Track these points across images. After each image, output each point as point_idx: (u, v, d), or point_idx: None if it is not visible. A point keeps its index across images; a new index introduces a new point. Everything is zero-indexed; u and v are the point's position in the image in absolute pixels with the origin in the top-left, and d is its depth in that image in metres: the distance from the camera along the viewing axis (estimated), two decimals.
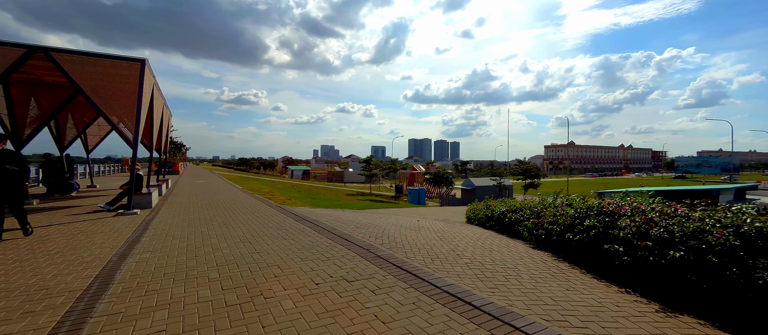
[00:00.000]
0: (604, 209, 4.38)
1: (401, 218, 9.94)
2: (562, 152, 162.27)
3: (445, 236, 6.15)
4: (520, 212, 6.99)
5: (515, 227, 6.77)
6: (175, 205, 9.29)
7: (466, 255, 4.54)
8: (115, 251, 4.52)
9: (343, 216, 8.40)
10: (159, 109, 11.17)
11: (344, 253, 4.40)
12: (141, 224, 6.46)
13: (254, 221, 6.77)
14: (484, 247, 5.19)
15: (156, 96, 10.18)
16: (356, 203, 23.42)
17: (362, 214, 10.40)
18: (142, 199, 8.57)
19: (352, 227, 6.43)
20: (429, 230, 6.87)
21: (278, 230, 5.87)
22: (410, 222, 8.32)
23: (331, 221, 7.15)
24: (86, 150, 15.73)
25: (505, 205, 8.27)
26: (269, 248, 4.61)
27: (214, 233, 5.58)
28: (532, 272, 3.91)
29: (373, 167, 37.18)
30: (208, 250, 4.53)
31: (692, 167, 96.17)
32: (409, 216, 12.10)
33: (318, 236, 5.39)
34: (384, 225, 6.96)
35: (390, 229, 6.50)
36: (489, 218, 8.80)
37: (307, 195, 21.02)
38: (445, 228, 7.52)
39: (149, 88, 8.69)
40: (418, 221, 9.47)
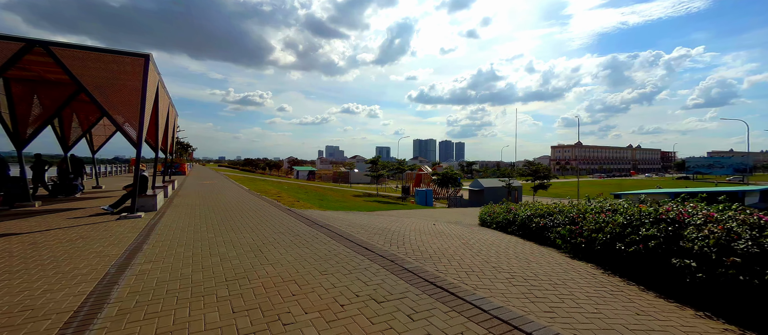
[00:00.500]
0: (662, 217, 3.86)
1: (415, 221, 9.46)
2: (569, 152, 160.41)
3: (471, 243, 5.66)
4: (550, 217, 6.46)
5: (545, 234, 6.24)
6: (180, 207, 8.91)
7: (502, 268, 4.04)
8: (115, 260, 4.10)
9: (356, 220, 7.94)
10: (164, 107, 10.82)
11: (367, 265, 3.93)
12: (144, 228, 6.05)
13: (264, 226, 6.33)
14: (518, 257, 4.69)
15: (161, 94, 9.82)
16: (364, 204, 22.98)
17: (374, 217, 9.93)
18: (146, 201, 8.19)
19: (368, 232, 5.97)
20: (450, 235, 6.37)
21: (291, 237, 5.42)
22: (427, 226, 7.83)
23: (344, 225, 6.70)
24: (92, 150, 15.48)
25: (530, 209, 7.74)
26: (283, 259, 4.15)
27: (221, 240, 5.14)
28: (585, 289, 3.41)
29: (380, 167, 36.69)
30: (215, 260, 4.09)
31: (704, 167, 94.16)
32: (422, 219, 11.62)
33: (334, 244, 4.93)
34: (401, 230, 6.48)
35: (409, 234, 6.02)
36: (510, 222, 8.29)
37: (314, 197, 20.62)
38: (466, 233, 7.02)
39: (154, 85, 8.31)
40: (434, 224, 9.00)
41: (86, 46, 7.11)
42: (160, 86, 9.54)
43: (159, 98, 9.34)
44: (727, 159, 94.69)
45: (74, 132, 13.20)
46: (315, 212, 9.40)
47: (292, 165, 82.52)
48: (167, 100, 11.61)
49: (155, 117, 9.44)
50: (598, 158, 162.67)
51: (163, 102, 10.43)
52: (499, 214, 9.79)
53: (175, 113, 15.17)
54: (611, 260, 4.28)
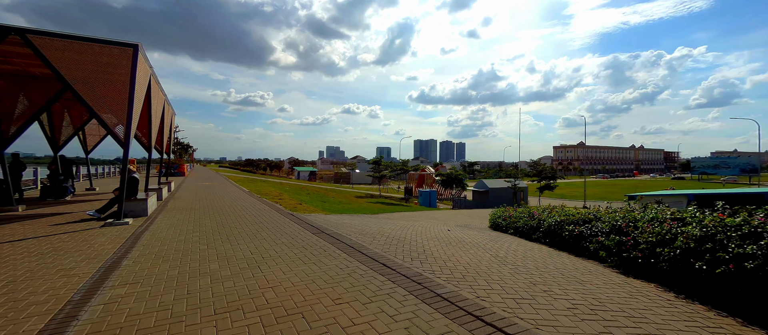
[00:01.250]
0: (757, 230, 3.12)
1: (427, 226, 8.75)
2: (571, 152, 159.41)
3: (501, 255, 4.93)
4: (587, 224, 5.72)
5: (582, 244, 5.51)
6: (174, 212, 8.20)
7: (555, 292, 3.31)
8: (84, 282, 3.39)
9: (365, 225, 7.22)
10: (158, 104, 10.13)
11: (390, 289, 3.21)
12: (129, 238, 5.34)
13: (264, 235, 5.61)
14: (564, 274, 3.96)
15: (154, 90, 9.13)
16: (368, 206, 22.27)
17: (382, 221, 9.22)
18: (136, 206, 7.49)
19: (382, 242, 5.24)
20: (474, 245, 5.65)
21: (294, 248, 4.70)
22: (441, 232, 7.12)
23: (354, 233, 5.97)
24: (85, 150, 14.80)
25: (559, 214, 7.01)
26: (287, 280, 3.43)
27: (215, 253, 4.42)
28: (674, 325, 2.67)
29: (382, 168, 35.96)
30: (205, 283, 3.37)
31: (709, 168, 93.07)
32: (433, 222, 10.90)
33: (346, 259, 4.21)
34: (417, 238, 5.76)
35: (427, 244, 5.30)
36: (534, 228, 7.56)
37: (317, 198, 19.92)
38: (488, 241, 6.30)
39: (145, 78, 7.62)
40: (448, 230, 8.28)
41: (68, 35, 6.41)
42: (154, 80, 8.85)
43: (152, 94, 8.65)
44: (733, 159, 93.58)
45: (65, 131, 12.53)
46: (319, 216, 8.68)
47: (293, 166, 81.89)
48: (162, 97, 10.93)
49: (148, 113, 8.75)
50: (600, 159, 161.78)
51: (157, 98, 9.74)
52: (519, 218, 9.05)
53: (171, 112, 14.49)
54: (683, 280, 3.55)
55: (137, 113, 7.07)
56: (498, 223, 11.56)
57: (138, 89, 6.96)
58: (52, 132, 11.85)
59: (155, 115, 9.45)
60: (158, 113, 10.24)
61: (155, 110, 9.44)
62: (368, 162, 43.21)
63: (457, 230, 8.99)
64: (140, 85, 7.16)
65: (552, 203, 40.25)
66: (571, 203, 41.14)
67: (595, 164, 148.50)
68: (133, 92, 6.65)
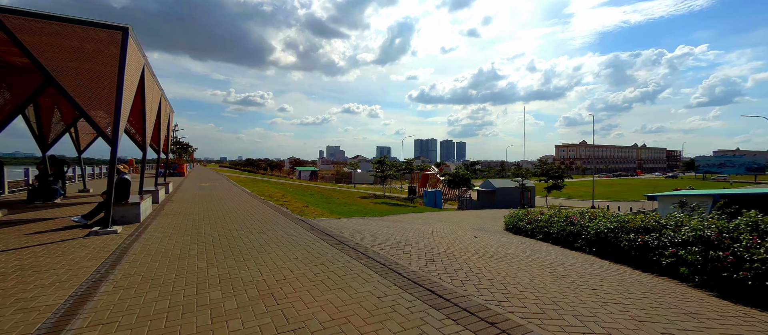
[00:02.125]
0: None
1: (449, 230, 7.97)
2: (573, 152, 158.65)
3: (558, 272, 4.09)
4: (654, 233, 4.89)
5: (650, 257, 4.67)
6: (170, 218, 7.36)
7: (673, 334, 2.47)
8: (44, 320, 2.55)
9: (384, 232, 6.39)
10: (154, 98, 9.29)
11: (453, 330, 2.37)
12: (114, 252, 4.50)
13: (274, 247, 4.78)
14: (663, 304, 3.11)
15: (149, 82, 8.30)
16: (374, 207, 21.42)
17: (398, 225, 8.40)
18: (127, 211, 6.65)
19: (413, 255, 4.41)
20: (519, 257, 4.81)
21: (313, 266, 3.87)
22: (469, 239, 6.31)
23: (376, 242, 5.14)
24: (77, 149, 13.97)
25: (610, 219, 6.16)
26: (313, 317, 2.59)
27: (216, 275, 3.58)
28: None
29: (387, 167, 35.10)
30: (203, 320, 2.53)
31: (714, 167, 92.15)
32: (448, 224, 10.11)
33: (381, 282, 3.36)
34: (450, 249, 4.94)
35: (467, 258, 4.46)
36: (575, 235, 6.73)
37: (321, 199, 19.08)
38: (529, 252, 5.47)
39: (136, 68, 6.78)
40: (474, 237, 7.46)
41: (48, 15, 5.56)
42: (148, 71, 8.01)
43: (146, 86, 7.81)
44: (738, 158, 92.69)
45: (55, 128, 11.69)
46: (331, 221, 7.84)
47: (294, 166, 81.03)
48: (158, 91, 10.09)
49: (141, 108, 7.91)
50: (603, 158, 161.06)
51: (152, 92, 8.91)
52: (549, 222, 8.22)
53: (169, 108, 13.65)
54: None
55: (127, 107, 6.23)
56: (520, 227, 10.73)
57: (128, 78, 6.12)
58: (39, 130, 11.01)
59: (150, 110, 8.62)
60: (154, 108, 9.40)
61: (150, 104, 8.60)
62: (372, 162, 42.38)
63: (482, 235, 8.17)
64: (131, 74, 6.32)
65: (559, 203, 39.43)
66: (578, 204, 40.27)
67: (598, 164, 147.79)
68: (123, 82, 5.81)
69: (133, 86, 6.52)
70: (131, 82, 6.36)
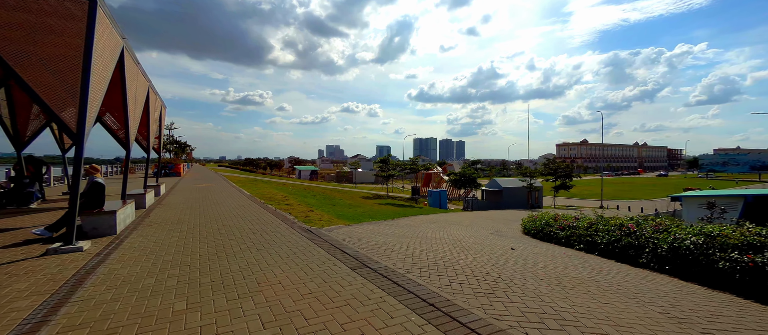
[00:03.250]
0: None
1: (478, 238, 6.90)
2: (575, 150, 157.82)
3: (671, 312, 3.01)
4: None
5: (762, 283, 3.59)
6: (154, 228, 6.25)
7: None
8: None
9: (406, 244, 5.32)
10: (140, 90, 8.18)
11: None
12: (68, 282, 3.40)
13: (280, 273, 3.68)
14: None
15: (132, 70, 7.19)
16: (380, 209, 20.28)
17: (416, 232, 7.33)
18: (100, 221, 5.54)
19: (461, 284, 3.33)
20: (594, 283, 3.73)
21: (338, 307, 2.78)
22: (511, 254, 5.23)
23: (408, 264, 4.06)
24: (61, 148, 12.86)
25: (690, 231, 5.08)
26: None
27: (197, 328, 2.49)
28: None
29: (390, 167, 33.98)
30: None
31: (718, 165, 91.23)
32: (467, 230, 9.05)
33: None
34: (502, 273, 3.86)
35: (534, 288, 3.38)
36: (635, 247, 5.66)
37: (325, 201, 17.98)
38: (599, 274, 4.39)
39: (112, 48, 5.65)
40: (512, 248, 6.40)
41: None
42: (130, 57, 6.90)
43: (127, 73, 6.71)
44: (742, 156, 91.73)
45: (32, 124, 10.55)
46: (341, 230, 6.75)
47: (293, 165, 79.84)
48: (145, 83, 8.98)
49: (122, 98, 6.80)
50: (604, 156, 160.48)
51: (136, 81, 7.80)
52: (599, 232, 7.12)
53: (160, 104, 12.52)
54: None
55: (98, 96, 5.12)
56: (549, 233, 9.66)
57: (98, 61, 5.01)
58: (13, 126, 9.87)
59: (134, 102, 7.50)
60: (139, 100, 8.29)
61: (134, 95, 7.49)
62: (374, 162, 41.30)
63: (516, 244, 7.10)
64: (103, 57, 5.20)
65: (567, 203, 38.34)
66: (586, 204, 39.22)
67: (599, 162, 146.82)
68: (90, 64, 4.69)
69: (106, 71, 5.40)
70: (102, 65, 5.25)
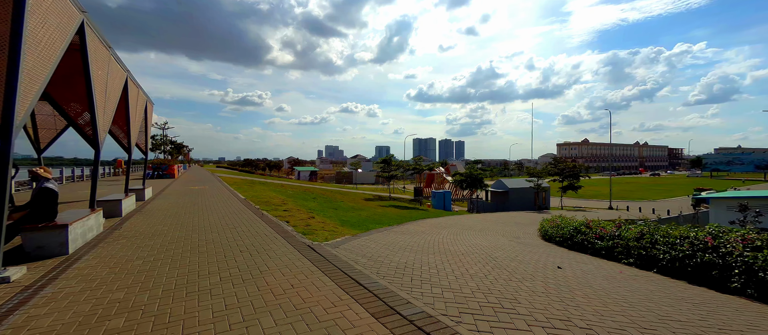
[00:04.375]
0: None
1: (511, 250, 5.77)
2: (576, 150, 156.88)
3: None
4: None
5: None
6: (121, 243, 5.09)
7: None
8: None
9: (430, 261, 4.19)
10: (114, 78, 7.04)
11: None
12: None
13: (272, 327, 2.54)
14: None
15: (101, 53, 6.06)
16: (384, 211, 19.14)
17: (434, 240, 6.20)
18: (47, 238, 4.38)
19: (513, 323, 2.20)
20: (695, 327, 2.58)
21: None
22: (563, 275, 4.09)
23: (449, 300, 2.93)
24: (37, 148, 11.70)
25: None
26: None
27: None
28: None
29: (393, 167, 32.79)
30: None
31: (722, 164, 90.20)
32: (487, 236, 7.91)
33: None
34: (586, 316, 2.73)
35: None
36: (722, 268, 4.56)
37: (327, 205, 16.82)
38: (692, 310, 3.25)
39: (65, 20, 4.50)
40: (559, 267, 5.28)
41: None
42: (95, 37, 5.76)
43: (93, 56, 5.57)
44: (746, 156, 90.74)
45: None
46: (349, 243, 5.60)
47: (292, 166, 78.60)
48: (121, 72, 7.83)
49: (85, 86, 5.64)
50: (605, 156, 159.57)
51: (111, 68, 6.66)
52: (657, 244, 6.00)
53: (145, 100, 11.36)
54: None
55: (40, 76, 3.96)
56: (581, 242, 8.56)
57: (38, 31, 3.86)
58: None
59: (104, 92, 6.35)
60: (114, 90, 7.14)
61: (104, 85, 6.34)
62: (376, 162, 40.19)
63: (561, 259, 5.97)
64: (46, 28, 4.05)
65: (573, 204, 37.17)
66: (593, 204, 38.10)
67: (600, 162, 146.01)
68: (21, 30, 3.54)
69: (54, 48, 4.25)
70: (49, 39, 4.10)
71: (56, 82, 6.99)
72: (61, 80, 6.95)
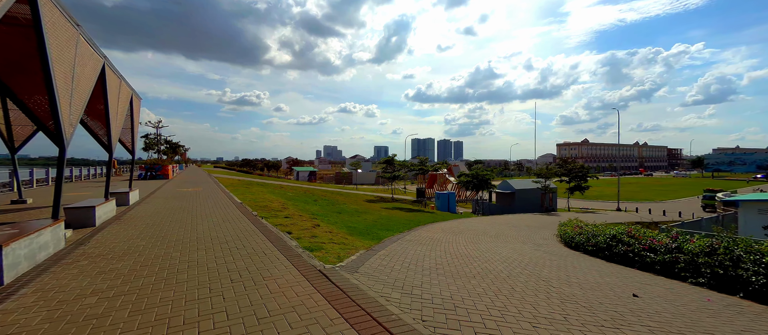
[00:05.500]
0: None
1: (559, 268, 4.70)
2: (575, 150, 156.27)
3: None
4: None
5: None
6: (79, 269, 3.96)
7: None
8: None
9: (481, 298, 3.12)
10: (85, 65, 5.92)
11: None
12: None
13: None
14: None
15: (67, 32, 4.94)
16: (389, 213, 18.06)
17: (459, 251, 5.11)
18: None
19: None
20: None
21: None
22: (650, 311, 3.00)
23: None
24: (10, 147, 10.58)
25: None
26: None
27: None
28: None
29: (396, 167, 31.69)
30: None
31: (724, 165, 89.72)
32: (518, 245, 6.82)
33: None
34: None
35: None
36: None
37: (329, 208, 15.71)
38: None
39: None
40: (635, 295, 4.21)
41: None
42: (59, 15, 4.66)
43: (51, 33, 4.46)
44: (748, 156, 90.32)
45: None
46: (369, 264, 4.51)
47: (291, 166, 77.42)
48: (97, 57, 6.71)
49: (45, 68, 4.53)
50: (604, 156, 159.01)
51: (76, 50, 5.53)
52: (748, 264, 4.96)
53: (129, 92, 10.22)
54: None
55: None
56: (621, 252, 7.53)
57: None
58: None
59: (70, 78, 5.23)
60: (84, 78, 6.01)
61: (70, 69, 5.22)
62: (379, 162, 39.09)
63: (641, 291, 4.89)
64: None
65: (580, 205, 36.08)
66: (600, 206, 37.11)
67: (600, 162, 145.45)
68: None
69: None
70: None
71: (11, 70, 5.87)
72: (16, 67, 5.82)
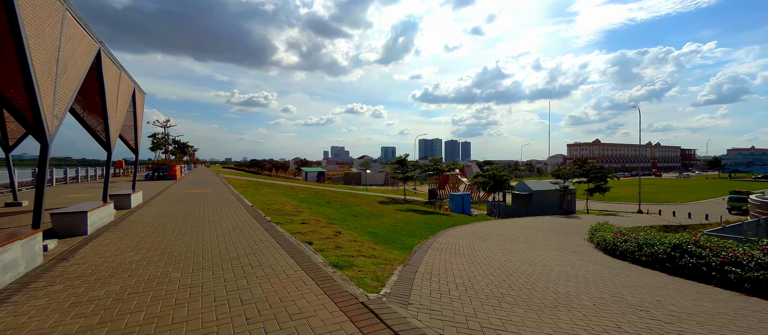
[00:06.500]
0: None
1: (638, 290, 3.59)
2: (586, 151, 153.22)
3: None
4: None
5: None
6: (51, 296, 3.06)
7: None
8: None
9: None
10: (74, 50, 5.06)
11: None
12: None
13: None
14: None
15: (53, 5, 4.08)
16: (408, 217, 17.03)
17: (504, 261, 4.09)
18: None
19: None
20: None
21: None
22: None
23: None
24: (4, 146, 9.87)
25: None
26: None
27: None
28: None
29: (409, 168, 30.61)
30: None
31: (743, 166, 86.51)
32: (562, 255, 5.78)
33: None
34: None
35: None
36: None
37: (344, 211, 14.76)
38: None
39: None
40: None
41: None
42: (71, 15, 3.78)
43: (30, 12, 3.58)
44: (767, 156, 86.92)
45: None
46: (420, 290, 3.53)
47: (300, 166, 76.85)
48: (91, 42, 5.85)
49: (18, 46, 3.66)
50: (616, 157, 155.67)
51: (63, 29, 4.67)
52: None
53: (131, 85, 9.40)
54: None
55: None
56: (692, 265, 6.46)
57: None
58: None
59: (54, 63, 4.36)
60: (73, 64, 5.14)
61: (57, 51, 4.35)
62: (390, 163, 38.08)
63: (749, 320, 3.81)
64: None
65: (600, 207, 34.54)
66: (621, 208, 35.53)
67: (612, 163, 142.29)
68: None
69: None
70: None
71: None
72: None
